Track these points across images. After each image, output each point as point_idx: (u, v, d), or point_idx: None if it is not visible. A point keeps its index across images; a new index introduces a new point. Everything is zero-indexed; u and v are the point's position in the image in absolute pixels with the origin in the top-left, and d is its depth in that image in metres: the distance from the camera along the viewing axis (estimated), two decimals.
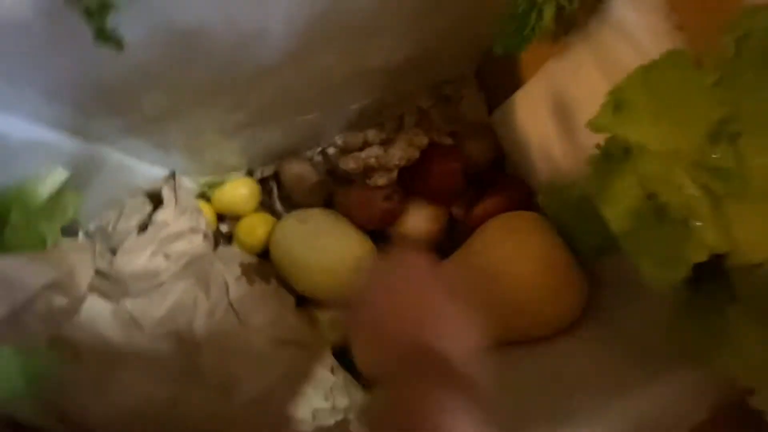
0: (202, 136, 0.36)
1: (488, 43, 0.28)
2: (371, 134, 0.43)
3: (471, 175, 0.46)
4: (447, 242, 0.48)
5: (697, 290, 0.19)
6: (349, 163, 0.39)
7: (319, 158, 0.49)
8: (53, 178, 0.24)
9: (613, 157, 0.21)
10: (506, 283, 0.33)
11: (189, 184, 0.40)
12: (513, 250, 0.33)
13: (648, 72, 0.18)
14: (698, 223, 0.18)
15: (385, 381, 0.20)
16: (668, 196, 0.18)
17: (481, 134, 0.46)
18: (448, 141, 0.45)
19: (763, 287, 0.16)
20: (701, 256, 0.17)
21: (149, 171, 0.36)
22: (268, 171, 0.48)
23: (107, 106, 0.24)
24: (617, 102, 0.19)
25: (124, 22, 0.18)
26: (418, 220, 0.45)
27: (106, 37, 0.16)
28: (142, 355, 0.28)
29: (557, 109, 0.33)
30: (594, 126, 0.19)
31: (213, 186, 0.45)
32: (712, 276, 0.18)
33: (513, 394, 0.28)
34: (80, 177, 0.27)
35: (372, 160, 0.39)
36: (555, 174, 0.36)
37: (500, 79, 0.42)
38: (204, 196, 0.45)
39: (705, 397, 0.20)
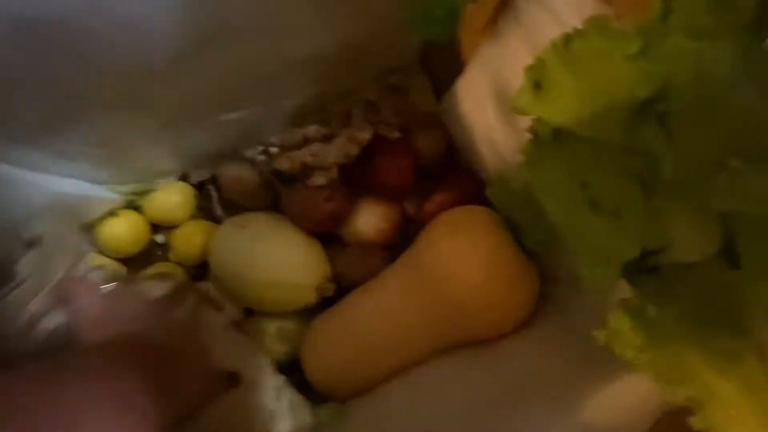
0: (114, 142, 0.32)
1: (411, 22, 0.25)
2: (311, 131, 0.40)
3: (422, 168, 0.44)
4: (402, 241, 0.45)
5: (634, 286, 0.17)
6: (284, 163, 0.36)
7: (261, 158, 0.45)
8: None
9: (543, 141, 0.19)
10: (452, 283, 0.30)
11: (106, 194, 0.36)
12: (459, 248, 0.31)
13: (568, 44, 0.16)
14: (629, 216, 0.15)
15: None
16: (598, 185, 0.16)
17: (430, 126, 0.44)
18: (396, 134, 0.42)
19: (698, 290, 0.14)
20: (632, 254, 0.15)
21: (56, 185, 0.32)
22: (205, 174, 0.44)
23: None
24: (537, 79, 0.16)
25: None
26: (369, 219, 0.43)
27: None
28: None
29: (496, 95, 0.30)
30: (515, 107, 0.17)
31: (142, 194, 0.41)
32: (647, 272, 0.16)
33: (466, 399, 0.26)
34: None
35: (308, 158, 0.36)
36: (501, 164, 0.34)
37: (446, 66, 0.40)
38: (132, 206, 0.41)
39: (649, 406, 0.19)
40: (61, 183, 0.31)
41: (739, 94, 0.12)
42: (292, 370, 0.37)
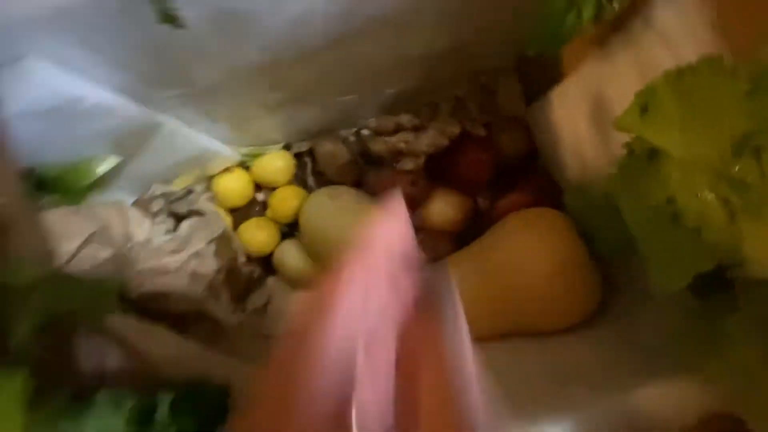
0: (247, 110, 0.39)
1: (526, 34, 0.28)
2: (405, 119, 0.44)
3: (501, 167, 0.46)
4: (469, 233, 0.48)
5: (703, 299, 0.20)
6: (379, 146, 0.40)
7: (353, 139, 0.50)
8: (107, 162, 0.28)
9: (638, 158, 0.21)
10: (519, 276, 0.33)
11: (229, 152, 0.43)
12: (529, 245, 0.33)
13: (681, 76, 0.18)
14: (710, 233, 0.18)
15: None
16: (685, 203, 0.19)
17: (515, 128, 0.46)
18: (481, 132, 0.45)
19: (765, 302, 0.16)
20: (707, 266, 0.18)
21: (198, 139, 0.39)
22: (304, 147, 0.50)
23: (166, 77, 0.27)
24: (645, 103, 0.19)
25: (184, 3, 0.20)
26: (443, 208, 0.46)
27: (167, 17, 0.18)
28: None
29: (592, 110, 0.32)
30: (619, 125, 0.20)
31: (253, 156, 0.47)
32: (718, 286, 0.19)
33: (515, 382, 0.30)
34: (138, 141, 0.30)
35: (401, 145, 0.40)
36: (584, 174, 0.36)
37: (540, 73, 0.42)
38: (244, 166, 0.48)
39: (697, 402, 0.21)
40: (204, 139, 0.38)
41: None
42: None
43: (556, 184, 0.42)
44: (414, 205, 0.45)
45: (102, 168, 0.27)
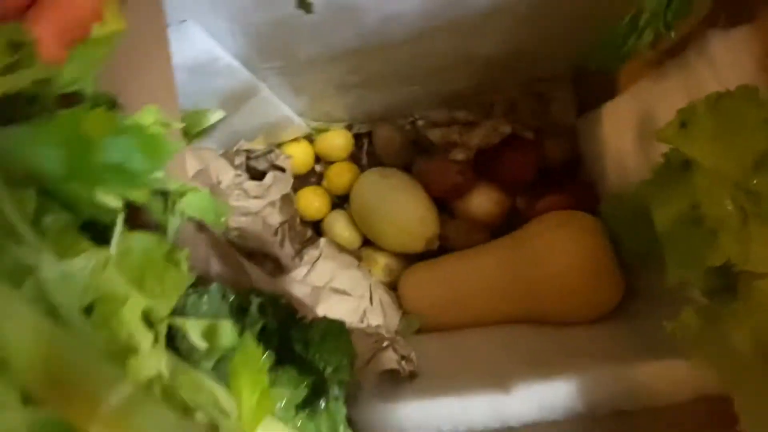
0: (325, 88, 0.44)
1: (588, 50, 0.31)
2: (460, 114, 0.48)
3: (544, 171, 0.49)
4: (504, 229, 0.52)
5: (710, 298, 0.23)
6: (435, 135, 0.44)
7: (408, 127, 0.55)
8: (217, 115, 0.33)
9: (673, 167, 0.24)
10: (546, 267, 0.37)
11: (302, 124, 0.49)
12: (559, 239, 0.37)
13: (719, 100, 0.21)
14: (725, 235, 0.21)
15: None
16: (708, 208, 0.22)
17: (562, 136, 0.49)
18: (529, 135, 0.48)
19: (763, 294, 0.19)
20: (717, 261, 0.21)
21: (281, 108, 0.44)
22: (364, 129, 0.55)
23: (275, 50, 0.32)
24: (686, 119, 0.22)
25: None
26: (483, 201, 0.50)
27: (304, 3, 0.23)
28: None
29: (640, 127, 0.35)
30: (660, 135, 0.23)
31: (318, 131, 0.53)
32: (724, 286, 0.22)
33: (531, 351, 0.33)
34: (238, 101, 0.36)
35: (455, 136, 0.44)
36: (623, 184, 0.38)
37: (596, 87, 0.44)
38: (309, 138, 0.54)
39: (691, 382, 0.24)
40: (284, 108, 0.44)
41: None
42: None
43: (593, 194, 0.45)
44: (459, 193, 0.49)
45: (213, 118, 0.32)
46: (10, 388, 0.12)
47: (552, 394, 0.25)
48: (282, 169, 0.41)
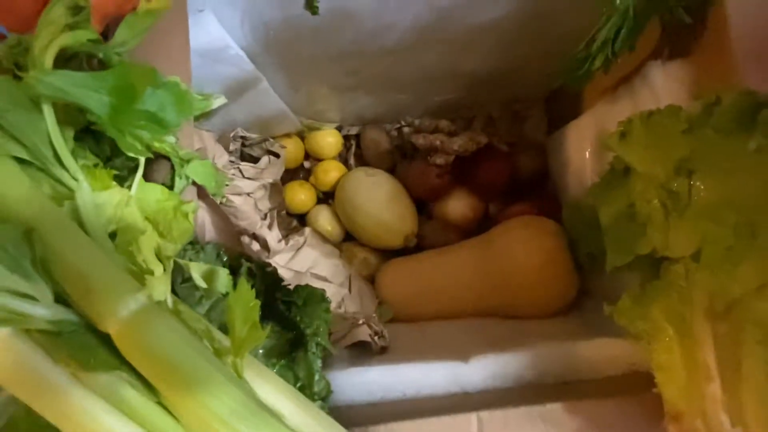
0: (320, 88, 0.47)
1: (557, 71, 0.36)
2: (443, 123, 0.52)
3: (515, 182, 0.54)
4: (477, 232, 0.56)
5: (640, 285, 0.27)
6: (419, 140, 0.48)
7: (394, 133, 0.59)
8: (219, 100, 0.36)
9: (616, 172, 0.29)
10: (514, 261, 0.41)
11: (295, 120, 0.52)
12: (523, 240, 0.41)
13: (651, 115, 0.25)
14: (651, 227, 0.25)
15: None
16: (640, 206, 0.26)
17: (534, 151, 0.54)
18: (504, 148, 0.53)
19: (675, 275, 0.23)
20: (645, 250, 0.25)
21: (279, 102, 0.47)
22: (353, 131, 0.59)
23: (277, 45, 0.35)
24: (624, 130, 0.26)
25: None
26: (459, 205, 0.54)
27: (312, 6, 0.27)
28: None
29: (596, 144, 0.40)
30: (605, 144, 0.27)
31: (310, 128, 0.56)
32: (650, 273, 0.26)
33: (490, 335, 0.37)
34: (240, 90, 0.39)
35: (437, 142, 0.48)
36: (581, 194, 0.43)
37: (565, 108, 0.50)
38: (300, 135, 0.57)
39: (626, 358, 0.28)
40: (280, 103, 0.47)
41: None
42: None
43: (558, 204, 0.49)
44: (436, 195, 0.52)
45: (216, 103, 0.35)
46: (47, 285, 0.14)
47: (504, 365, 0.29)
48: (276, 155, 0.43)
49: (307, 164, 0.59)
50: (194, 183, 0.27)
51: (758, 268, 0.20)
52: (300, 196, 0.55)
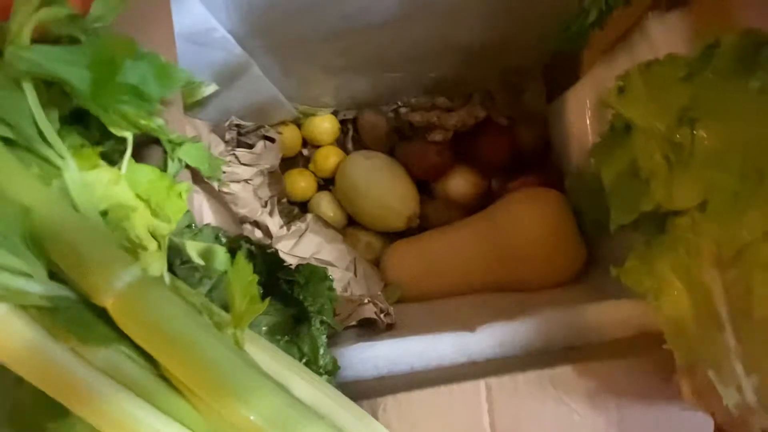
0: (311, 71, 0.47)
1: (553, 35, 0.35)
2: (440, 100, 0.51)
3: (517, 156, 0.53)
4: (480, 209, 0.55)
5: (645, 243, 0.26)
6: (416, 117, 0.48)
7: (391, 114, 0.58)
8: (210, 87, 0.35)
9: (616, 130, 0.28)
10: (518, 234, 0.40)
11: (290, 107, 0.51)
12: (526, 212, 0.40)
13: (649, 66, 0.25)
14: (655, 182, 0.24)
15: None
16: (643, 162, 0.25)
17: (534, 123, 0.53)
18: (504, 121, 0.52)
19: (681, 228, 0.23)
20: (649, 206, 0.24)
21: (271, 89, 0.47)
22: (349, 115, 0.58)
23: (267, 28, 0.35)
24: (622, 86, 0.26)
25: None
26: (461, 182, 0.53)
27: None
28: None
29: (597, 109, 0.39)
30: (603, 101, 0.27)
31: (306, 115, 0.56)
32: (655, 229, 0.25)
33: (497, 307, 0.36)
34: (231, 77, 0.39)
35: (434, 119, 0.47)
36: (584, 162, 0.42)
37: (564, 76, 0.48)
38: (297, 122, 0.56)
39: (635, 320, 0.27)
40: (273, 89, 0.46)
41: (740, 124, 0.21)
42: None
43: (561, 176, 0.48)
44: (437, 173, 0.52)
45: (207, 90, 0.35)
46: (40, 262, 0.14)
47: (512, 333, 0.28)
48: (272, 140, 0.43)
49: (305, 152, 0.58)
50: (189, 168, 0.27)
51: (766, 213, 0.19)
52: (300, 183, 0.55)
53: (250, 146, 0.42)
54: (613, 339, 0.27)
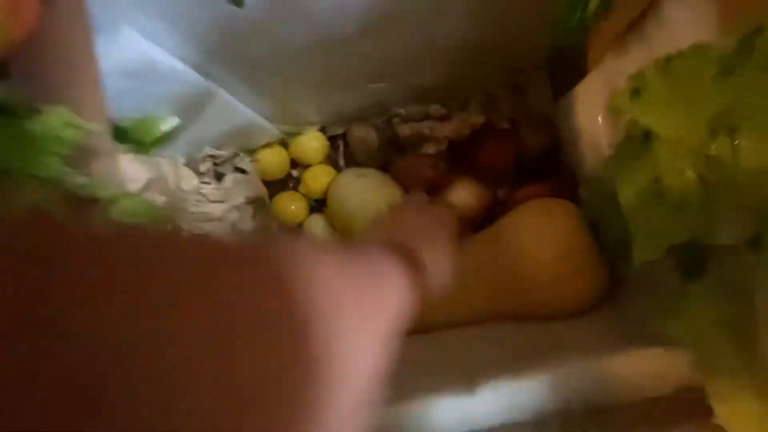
0: (288, 90, 0.43)
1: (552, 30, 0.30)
2: (433, 109, 0.47)
3: (524, 162, 0.48)
4: (488, 222, 0.50)
5: (688, 279, 0.21)
6: (405, 130, 0.43)
7: (383, 126, 0.54)
8: (170, 122, 0.32)
9: (633, 140, 0.23)
10: (524, 259, 0.35)
11: (272, 128, 0.48)
12: (535, 229, 0.35)
13: (670, 61, 0.19)
14: (687, 208, 0.19)
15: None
16: (670, 181, 0.20)
17: (540, 124, 0.47)
18: (505, 124, 0.47)
19: (730, 267, 0.18)
20: (681, 238, 0.19)
21: (246, 113, 0.44)
22: (338, 130, 0.54)
23: (225, 51, 0.31)
24: (637, 86, 0.20)
25: None
26: (462, 195, 0.48)
27: None
28: None
29: (610, 107, 0.33)
30: (613, 105, 0.21)
31: (291, 135, 0.52)
32: (693, 267, 0.20)
33: (505, 349, 0.32)
34: (196, 108, 0.35)
35: (426, 130, 0.42)
36: (601, 170, 0.37)
37: (570, 72, 0.43)
38: (283, 143, 0.53)
39: (674, 372, 0.22)
40: (251, 114, 0.43)
41: None
42: None
43: (574, 181, 0.43)
44: (434, 188, 0.47)
45: (165, 126, 0.31)
46: None
47: (522, 393, 0.24)
48: (243, 171, 0.40)
49: (295, 173, 0.55)
50: None
51: None
52: (290, 207, 0.52)
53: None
54: (648, 398, 0.22)
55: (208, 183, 0.39)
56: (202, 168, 0.39)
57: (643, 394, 0.22)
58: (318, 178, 0.52)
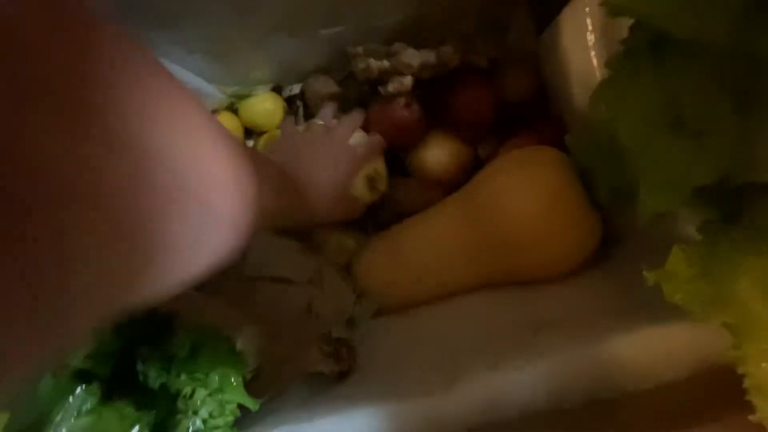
0: (223, 40, 0.36)
1: None
2: (397, 45, 0.39)
3: (506, 111, 0.42)
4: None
5: (704, 233, 0.16)
6: (359, 64, 0.36)
7: (345, 79, 0.47)
8: None
9: (637, 54, 0.17)
10: (504, 214, 0.30)
11: (214, 92, 0.41)
12: (517, 180, 0.30)
13: None
14: (717, 136, 0.14)
15: None
16: (688, 102, 0.15)
17: (523, 65, 0.41)
18: (484, 63, 0.40)
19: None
20: (708, 177, 0.14)
21: (177, 73, 0.37)
22: (295, 89, 0.47)
23: None
24: None
25: None
26: (439, 153, 0.43)
27: None
28: None
29: (601, 32, 0.27)
30: (606, 3, 0.16)
31: (240, 97, 0.45)
32: (722, 216, 0.15)
33: (490, 331, 0.27)
34: None
35: (385, 64, 0.36)
36: (591, 110, 0.31)
37: (555, 5, 0.36)
38: (231, 108, 0.46)
39: (689, 353, 0.17)
40: (183, 74, 0.36)
41: None
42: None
43: (563, 127, 0.37)
44: (410, 134, 0.41)
45: None
46: None
47: (506, 386, 0.19)
48: None
49: (250, 143, 0.48)
50: None
51: None
52: None
53: None
54: (660, 384, 0.18)
55: None
56: None
57: (655, 379, 0.18)
58: None
